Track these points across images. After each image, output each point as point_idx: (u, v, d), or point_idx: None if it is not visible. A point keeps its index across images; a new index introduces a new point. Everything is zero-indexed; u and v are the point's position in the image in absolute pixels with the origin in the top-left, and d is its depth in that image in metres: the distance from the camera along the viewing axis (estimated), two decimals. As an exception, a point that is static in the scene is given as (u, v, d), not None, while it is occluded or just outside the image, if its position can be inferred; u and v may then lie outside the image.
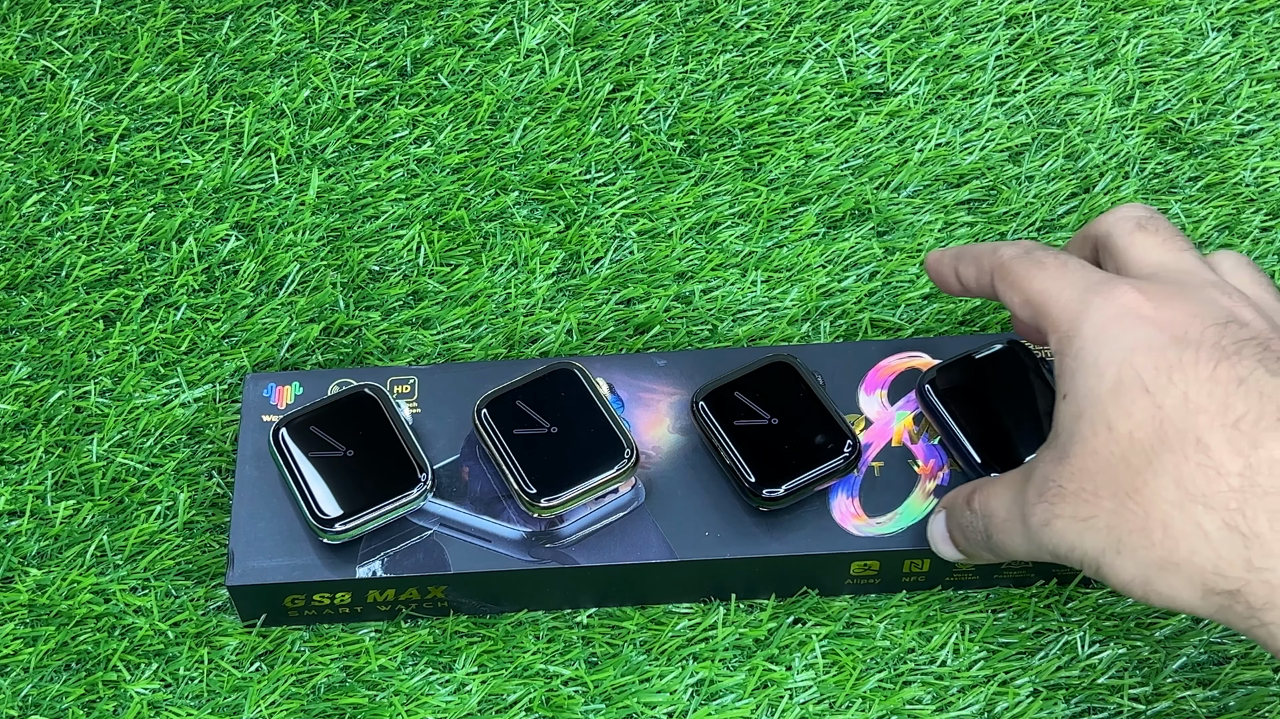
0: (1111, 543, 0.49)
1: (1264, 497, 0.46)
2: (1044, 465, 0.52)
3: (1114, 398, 0.49)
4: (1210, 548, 0.47)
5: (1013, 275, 0.55)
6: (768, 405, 0.63)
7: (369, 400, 0.65)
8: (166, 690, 0.63)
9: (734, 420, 0.62)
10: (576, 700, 0.62)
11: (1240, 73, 0.79)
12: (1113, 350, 0.50)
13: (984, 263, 0.57)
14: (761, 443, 0.62)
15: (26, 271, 0.74)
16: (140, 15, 0.82)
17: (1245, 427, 0.47)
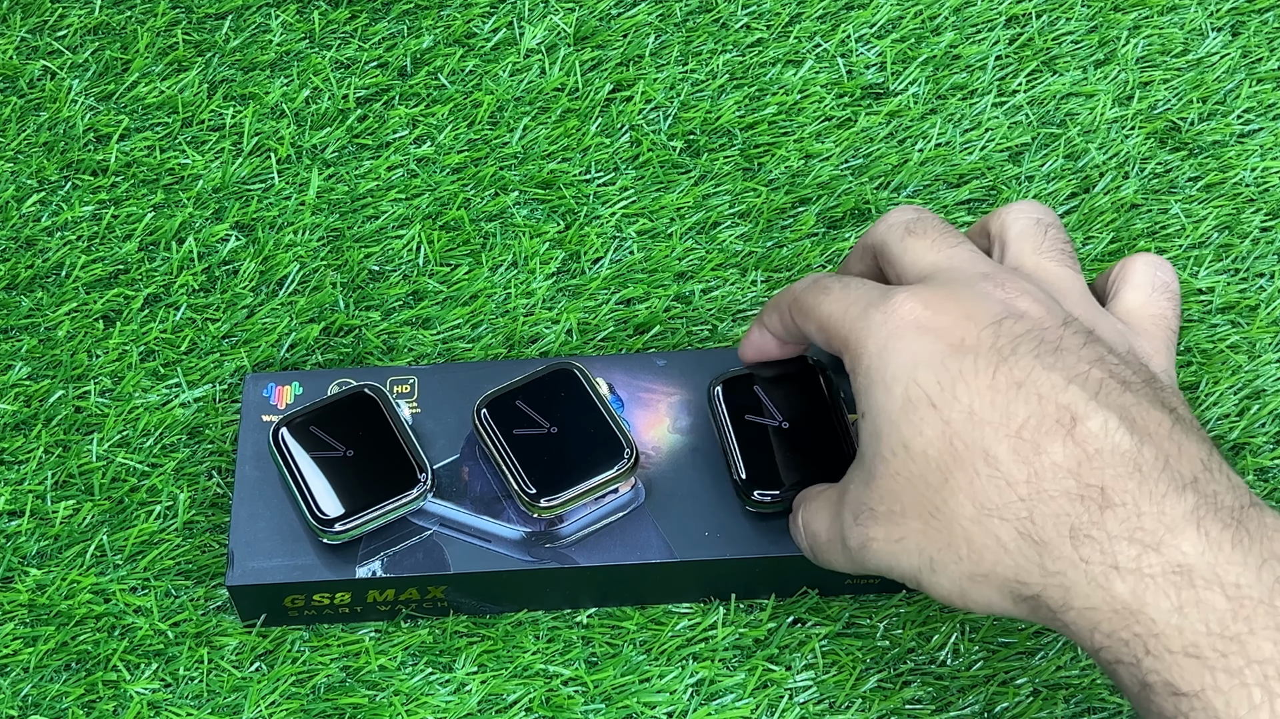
0: (925, 561, 0.50)
1: (1049, 501, 0.47)
2: (855, 487, 0.52)
3: (904, 416, 0.49)
4: (1009, 558, 0.47)
5: (803, 306, 0.55)
6: (781, 407, 0.62)
7: (369, 400, 0.65)
8: (166, 690, 0.63)
9: (744, 415, 0.62)
10: (576, 700, 0.62)
11: (1240, 73, 0.79)
12: (897, 367, 0.50)
13: (782, 305, 0.58)
14: (763, 444, 0.62)
15: (26, 271, 0.74)
16: (140, 15, 0.82)
17: (1027, 433, 0.47)
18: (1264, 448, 0.68)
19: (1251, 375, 0.70)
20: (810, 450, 0.61)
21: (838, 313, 0.53)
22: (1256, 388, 0.69)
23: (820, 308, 0.54)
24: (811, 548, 0.57)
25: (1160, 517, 0.46)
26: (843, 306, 0.53)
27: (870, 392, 0.51)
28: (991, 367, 0.48)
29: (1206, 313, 0.71)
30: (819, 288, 0.55)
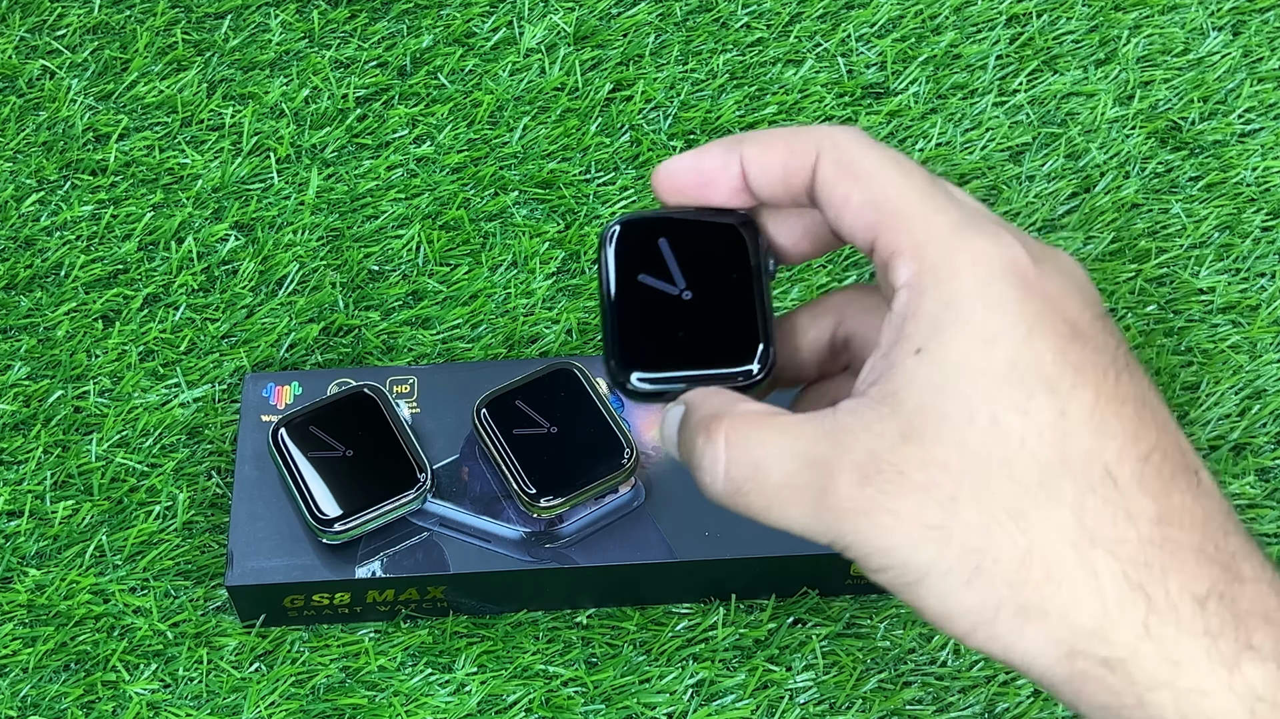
0: (962, 566, 0.38)
1: (1177, 553, 0.38)
2: (874, 437, 0.39)
3: (1007, 385, 0.38)
4: (1100, 603, 0.37)
5: (858, 165, 0.41)
6: (690, 270, 0.57)
7: (368, 400, 0.65)
8: (166, 691, 0.63)
9: (637, 277, 0.60)
10: (576, 701, 0.62)
11: (1241, 72, 0.78)
12: (1004, 319, 0.39)
13: (801, 144, 0.42)
14: (660, 315, 0.58)
15: (26, 271, 0.73)
16: (139, 15, 0.82)
17: (1154, 465, 0.39)
18: (1265, 448, 0.68)
19: (1252, 375, 0.69)
20: (717, 323, 0.47)
21: (913, 206, 0.40)
22: (1258, 388, 0.69)
23: (889, 183, 0.41)
24: (737, 483, 0.41)
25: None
26: (925, 203, 0.40)
27: (951, 330, 0.39)
28: (1114, 369, 0.39)
29: (1207, 313, 0.71)
30: (888, 157, 0.41)
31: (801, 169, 0.42)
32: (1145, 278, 0.72)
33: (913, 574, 0.39)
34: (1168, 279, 0.72)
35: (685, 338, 0.45)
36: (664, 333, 0.45)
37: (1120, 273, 0.72)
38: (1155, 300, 0.72)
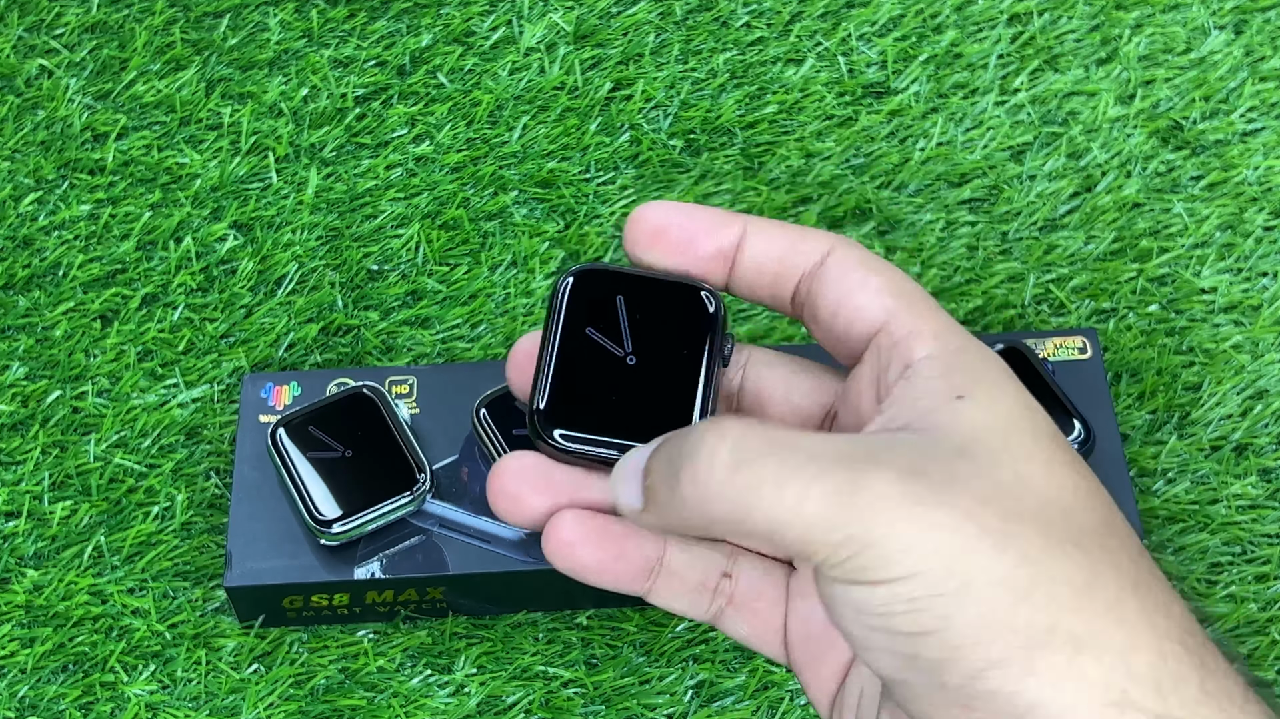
0: (1017, 577, 0.34)
1: (1187, 637, 0.36)
2: (920, 450, 0.36)
3: (1055, 441, 0.38)
4: (1159, 654, 0.35)
5: (875, 263, 0.40)
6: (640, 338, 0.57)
7: (367, 401, 0.64)
8: (164, 692, 0.62)
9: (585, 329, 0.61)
10: (576, 702, 0.62)
11: (1243, 71, 0.78)
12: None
13: (811, 243, 0.41)
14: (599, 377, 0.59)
15: (23, 271, 0.73)
16: (138, 14, 0.82)
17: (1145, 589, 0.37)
18: (1267, 448, 0.68)
19: (1255, 375, 0.69)
20: (656, 395, 0.43)
21: (932, 304, 0.40)
22: (1260, 388, 0.69)
23: (906, 282, 0.40)
24: (748, 456, 0.36)
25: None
26: (939, 309, 0.40)
27: (994, 387, 0.38)
28: None
29: (1209, 313, 0.71)
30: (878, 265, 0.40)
31: (801, 264, 0.41)
32: (1147, 277, 0.72)
33: (951, 582, 0.34)
34: (1169, 279, 0.72)
35: (619, 404, 0.42)
36: (598, 395, 0.42)
37: (1122, 273, 0.72)
38: (1157, 300, 0.71)
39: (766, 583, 0.41)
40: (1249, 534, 0.66)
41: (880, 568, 0.34)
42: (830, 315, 0.40)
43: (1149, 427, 0.68)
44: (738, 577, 0.41)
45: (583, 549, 0.40)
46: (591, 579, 0.40)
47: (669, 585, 0.41)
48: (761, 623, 0.41)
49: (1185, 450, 0.68)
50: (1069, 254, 0.73)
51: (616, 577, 0.40)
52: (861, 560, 0.34)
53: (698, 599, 0.41)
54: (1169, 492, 0.67)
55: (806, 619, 0.41)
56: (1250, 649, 0.63)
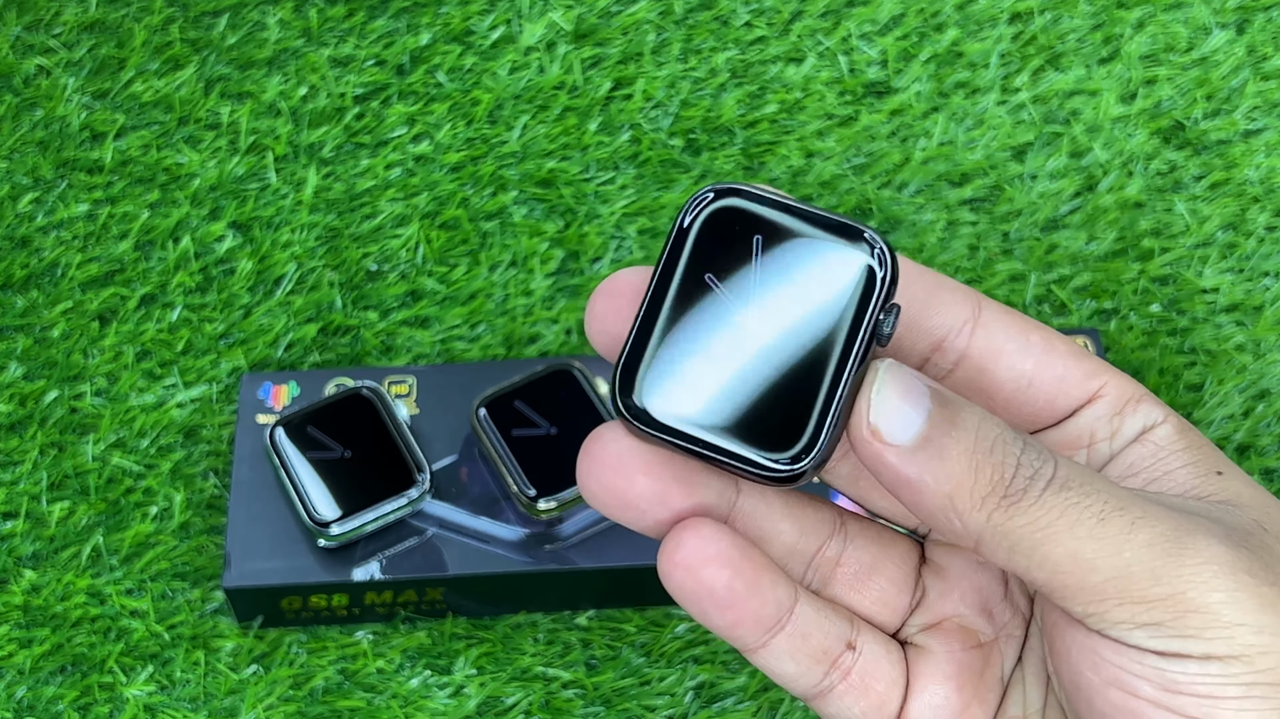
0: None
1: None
2: (1223, 510, 0.32)
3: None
4: None
5: (1026, 319, 0.36)
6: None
7: (366, 401, 0.64)
8: (162, 693, 0.62)
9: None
10: (576, 703, 0.61)
11: (1246, 70, 0.78)
12: None
13: (947, 311, 0.36)
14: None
15: (21, 271, 0.73)
16: (136, 12, 0.81)
17: None
18: (1270, 449, 0.67)
19: (1257, 375, 0.69)
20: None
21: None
22: (1262, 388, 0.69)
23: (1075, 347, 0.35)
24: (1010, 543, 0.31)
25: None
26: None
27: (1232, 468, 0.34)
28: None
29: (1212, 313, 0.71)
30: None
31: (955, 308, 0.35)
32: (1149, 277, 0.72)
33: (1235, 648, 0.30)
34: (1171, 279, 0.72)
35: (731, 385, 0.33)
36: (707, 370, 0.33)
37: (1124, 272, 0.72)
38: (1159, 300, 0.71)
39: (888, 663, 0.36)
40: (1251, 535, 0.65)
41: (1209, 640, 0.30)
42: (1021, 388, 0.35)
43: (1151, 427, 0.68)
44: (861, 649, 0.35)
45: (717, 569, 0.32)
46: (709, 612, 0.33)
47: (790, 644, 0.34)
48: (876, 704, 0.35)
49: (1187, 451, 0.67)
50: (1071, 254, 0.72)
51: (739, 617, 0.33)
52: (1187, 626, 0.30)
53: (813, 667, 0.35)
54: (1171, 492, 0.66)
55: (937, 710, 0.35)
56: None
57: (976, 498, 0.30)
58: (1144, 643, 0.30)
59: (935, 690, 0.35)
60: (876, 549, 0.36)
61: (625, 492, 0.33)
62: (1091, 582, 0.30)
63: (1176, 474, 0.33)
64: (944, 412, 0.30)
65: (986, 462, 0.30)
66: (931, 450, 0.30)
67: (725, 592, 0.32)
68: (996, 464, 0.30)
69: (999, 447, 0.30)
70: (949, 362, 0.35)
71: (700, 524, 0.33)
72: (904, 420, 0.30)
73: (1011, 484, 0.30)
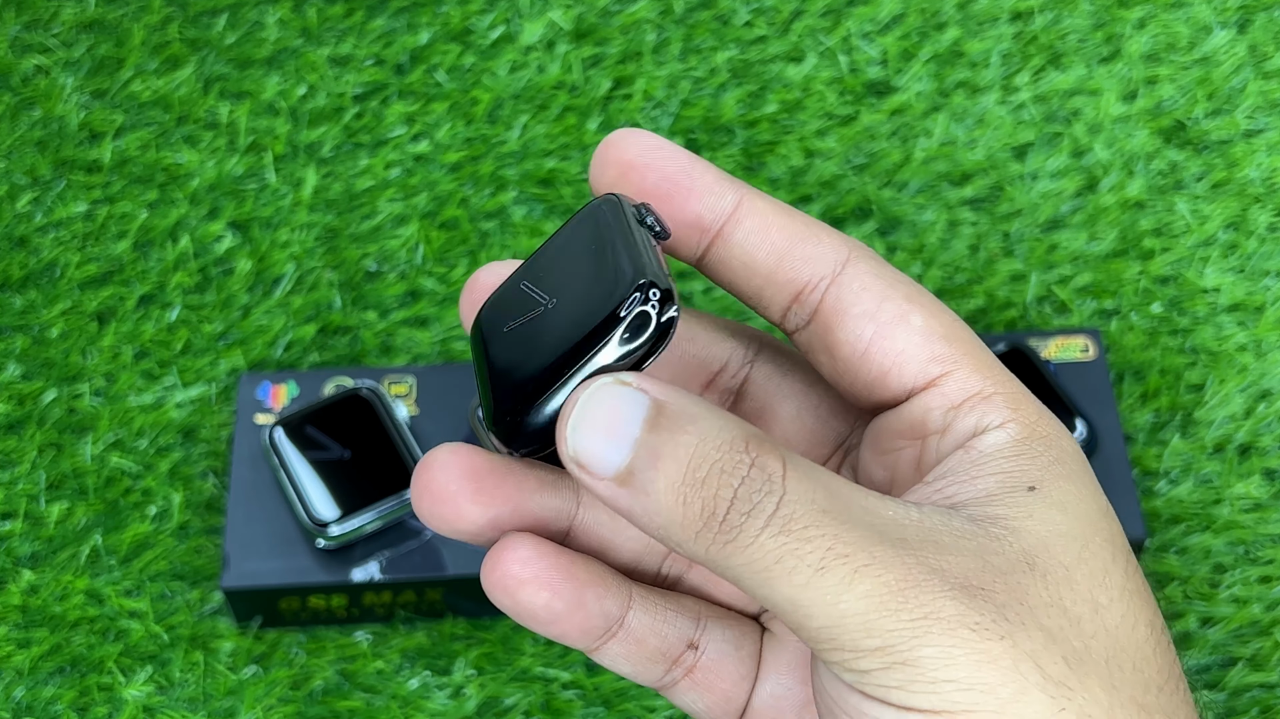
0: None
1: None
2: (985, 549, 0.31)
3: (1124, 564, 0.33)
4: None
5: (913, 287, 0.34)
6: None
7: (365, 401, 0.64)
8: (161, 694, 0.62)
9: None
10: (576, 704, 0.61)
11: (1247, 70, 0.78)
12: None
13: (830, 240, 0.34)
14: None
15: (19, 270, 0.73)
16: (134, 12, 0.81)
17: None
18: (1271, 449, 0.67)
19: (1258, 375, 0.69)
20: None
21: (989, 355, 0.34)
22: (1263, 388, 0.69)
23: (956, 323, 0.33)
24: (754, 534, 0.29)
25: None
26: (995, 360, 0.34)
27: (1068, 481, 0.32)
28: None
29: (1213, 312, 0.71)
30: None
31: (806, 274, 0.33)
32: (1150, 277, 0.72)
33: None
34: (1173, 278, 0.72)
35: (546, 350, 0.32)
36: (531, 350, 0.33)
37: (1125, 272, 0.72)
38: (1160, 300, 0.71)
39: (735, 659, 0.35)
40: (1253, 535, 0.65)
41: (914, 693, 0.29)
42: (855, 354, 0.33)
43: (1152, 427, 0.68)
44: (704, 648, 0.34)
45: (534, 591, 0.32)
46: (534, 626, 0.33)
47: (623, 648, 0.34)
48: (721, 700, 0.35)
49: (1189, 451, 0.67)
50: (1072, 253, 0.72)
51: (565, 630, 0.32)
52: (894, 678, 0.29)
53: (651, 667, 0.34)
54: (1172, 492, 0.66)
55: (779, 699, 0.35)
56: (1254, 652, 0.62)
57: (689, 531, 0.29)
58: (857, 684, 0.30)
59: (778, 680, 0.35)
60: None
61: (455, 521, 0.32)
62: (808, 626, 0.29)
63: (980, 482, 0.32)
64: (654, 438, 0.29)
65: (696, 495, 0.29)
66: (635, 486, 0.29)
67: (544, 611, 0.32)
68: (708, 498, 0.29)
69: (714, 476, 0.29)
70: (804, 315, 0.34)
71: (518, 545, 0.32)
72: (606, 455, 0.29)
73: (725, 520, 0.29)
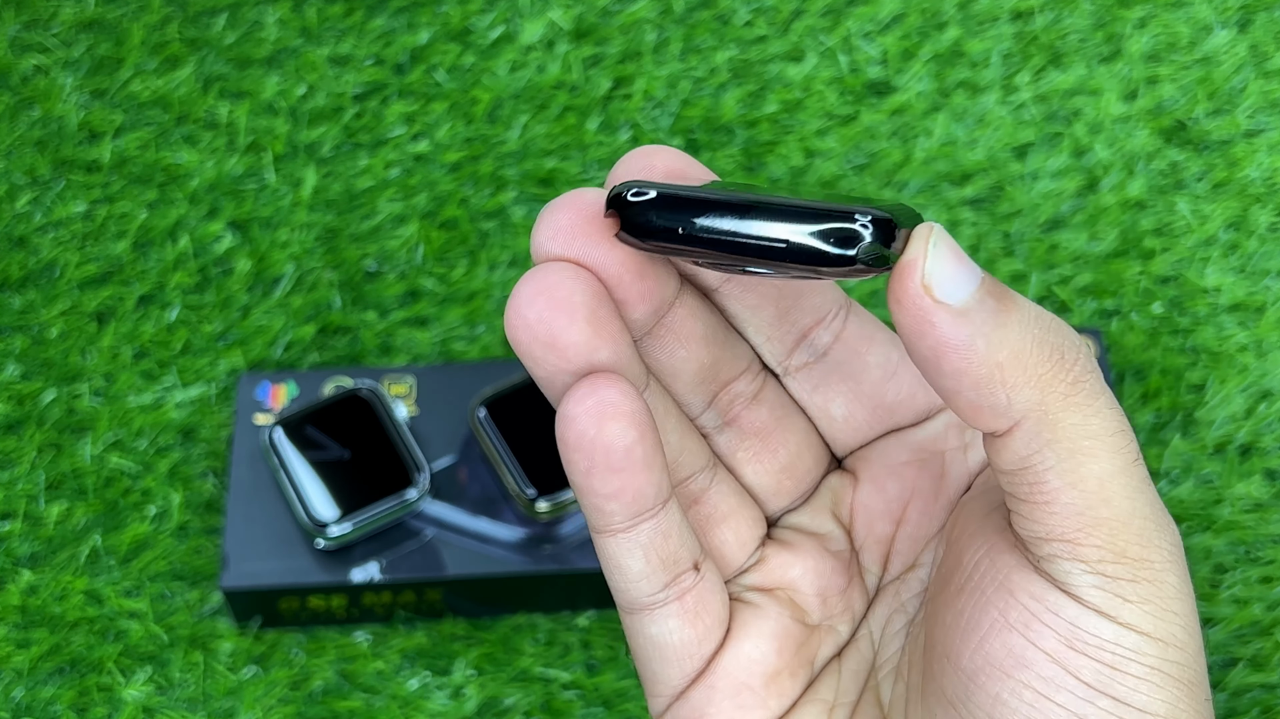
0: None
1: None
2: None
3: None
4: None
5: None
6: None
7: (365, 401, 0.64)
8: (160, 694, 0.62)
9: None
10: (576, 705, 0.61)
11: (1248, 69, 0.78)
12: None
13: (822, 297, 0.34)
14: None
15: (18, 270, 0.73)
16: (134, 11, 0.81)
17: None
18: (1272, 449, 0.67)
19: (1260, 375, 0.69)
20: None
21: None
22: (1265, 388, 0.69)
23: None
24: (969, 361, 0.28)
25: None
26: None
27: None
28: None
29: (1214, 312, 0.71)
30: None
31: (823, 302, 0.34)
32: (1151, 277, 0.72)
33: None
34: (1174, 278, 0.72)
35: None
36: None
37: (1125, 271, 0.72)
38: (1161, 300, 0.71)
39: (719, 599, 0.34)
40: (1253, 536, 0.65)
41: (1148, 613, 0.30)
42: (886, 376, 0.35)
43: (1153, 427, 0.68)
44: (704, 574, 0.33)
45: (625, 428, 0.29)
46: (596, 471, 0.30)
47: (650, 537, 0.31)
48: (697, 637, 0.33)
49: (1189, 451, 0.67)
50: (1072, 253, 0.72)
51: (625, 486, 0.30)
52: (1139, 592, 0.30)
53: (658, 572, 0.32)
54: (1173, 492, 0.66)
55: (753, 664, 0.34)
56: (1254, 652, 0.62)
57: (1033, 373, 0.28)
58: (1083, 591, 0.29)
59: (756, 644, 0.34)
60: (735, 502, 0.35)
61: (562, 334, 0.30)
62: (1098, 514, 0.29)
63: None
64: (997, 283, 0.28)
65: (1047, 339, 0.28)
66: (987, 313, 0.28)
67: (623, 454, 0.29)
68: (1056, 345, 0.28)
69: (1057, 331, 0.28)
70: (824, 342, 0.34)
71: (618, 379, 0.29)
72: (960, 280, 0.28)
73: (1075, 367, 0.28)
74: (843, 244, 0.27)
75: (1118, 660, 0.29)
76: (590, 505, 0.31)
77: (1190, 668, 0.30)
